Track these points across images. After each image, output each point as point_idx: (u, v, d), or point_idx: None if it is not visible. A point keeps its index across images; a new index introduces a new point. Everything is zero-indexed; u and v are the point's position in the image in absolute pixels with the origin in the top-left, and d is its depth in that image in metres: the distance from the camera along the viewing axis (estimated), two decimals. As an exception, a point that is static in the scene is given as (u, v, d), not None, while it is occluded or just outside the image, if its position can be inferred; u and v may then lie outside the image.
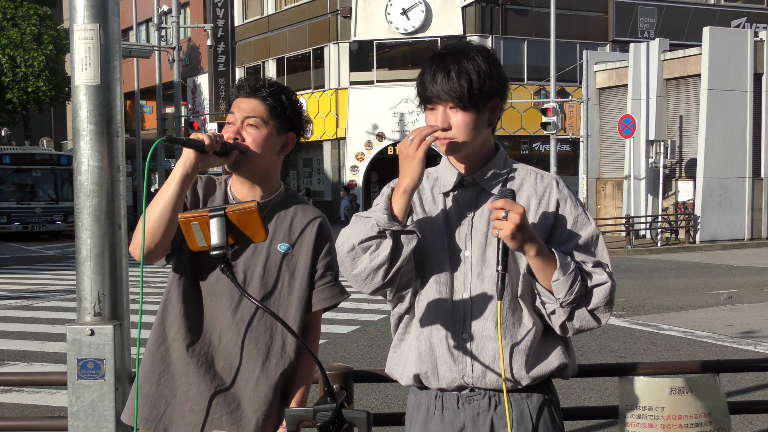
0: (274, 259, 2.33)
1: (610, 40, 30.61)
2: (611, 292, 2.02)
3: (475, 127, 2.06)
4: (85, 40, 2.88)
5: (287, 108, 2.36)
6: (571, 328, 2.04)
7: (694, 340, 9.00)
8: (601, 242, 2.09)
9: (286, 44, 32.90)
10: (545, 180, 2.13)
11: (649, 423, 3.20)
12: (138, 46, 28.68)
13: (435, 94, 2.04)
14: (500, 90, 2.10)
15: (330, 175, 30.58)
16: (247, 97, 2.33)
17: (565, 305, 1.99)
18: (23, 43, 33.72)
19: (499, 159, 2.15)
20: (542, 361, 2.08)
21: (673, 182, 23.40)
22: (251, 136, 2.30)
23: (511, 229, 1.88)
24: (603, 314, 2.04)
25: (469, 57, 2.05)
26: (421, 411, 2.15)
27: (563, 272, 1.96)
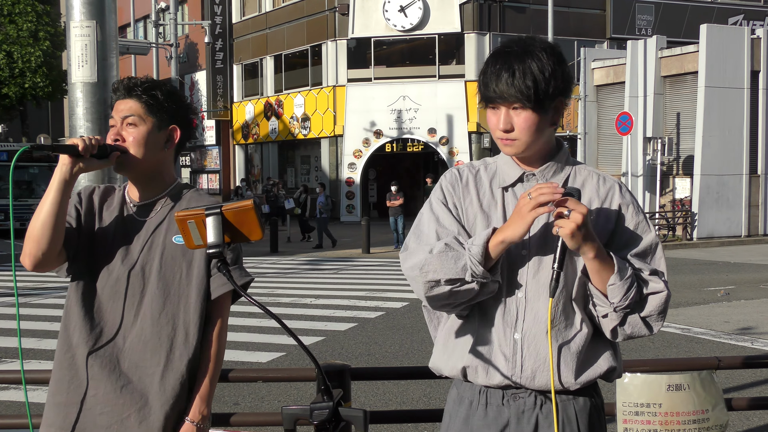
0: (171, 251, 2.33)
1: (608, 37, 30.60)
2: (666, 302, 2.00)
3: (538, 128, 2.01)
4: (81, 38, 2.88)
5: (165, 102, 2.35)
6: (622, 334, 2.02)
7: (691, 336, 9.01)
8: (660, 251, 2.07)
9: (283, 41, 32.86)
10: (608, 183, 2.10)
11: (646, 420, 3.20)
12: (135, 43, 28.61)
13: (498, 94, 1.99)
14: (565, 89, 2.05)
15: (328, 172, 30.56)
16: (124, 99, 2.34)
17: (618, 310, 1.97)
18: (20, 39, 33.66)
19: (561, 157, 2.11)
20: (591, 365, 2.06)
21: (671, 179, 23.41)
22: (131, 135, 2.31)
23: (572, 228, 1.86)
24: (655, 322, 2.02)
25: (533, 55, 1.99)
26: (463, 405, 2.13)
27: (620, 277, 1.93)
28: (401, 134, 29.03)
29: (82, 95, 3.13)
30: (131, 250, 2.34)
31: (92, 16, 2.94)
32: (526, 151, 2.04)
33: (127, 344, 2.31)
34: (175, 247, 2.34)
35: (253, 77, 35.12)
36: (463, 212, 2.11)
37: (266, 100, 33.75)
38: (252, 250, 19.85)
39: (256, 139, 34.67)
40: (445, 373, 2.15)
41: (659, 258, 2.06)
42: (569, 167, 2.11)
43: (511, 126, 2.00)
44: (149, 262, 2.33)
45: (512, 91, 1.96)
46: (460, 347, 2.10)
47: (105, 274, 2.33)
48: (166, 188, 2.40)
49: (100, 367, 2.29)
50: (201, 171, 38.47)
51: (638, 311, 1.98)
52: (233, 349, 8.31)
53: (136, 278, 2.32)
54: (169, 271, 2.33)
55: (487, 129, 28.54)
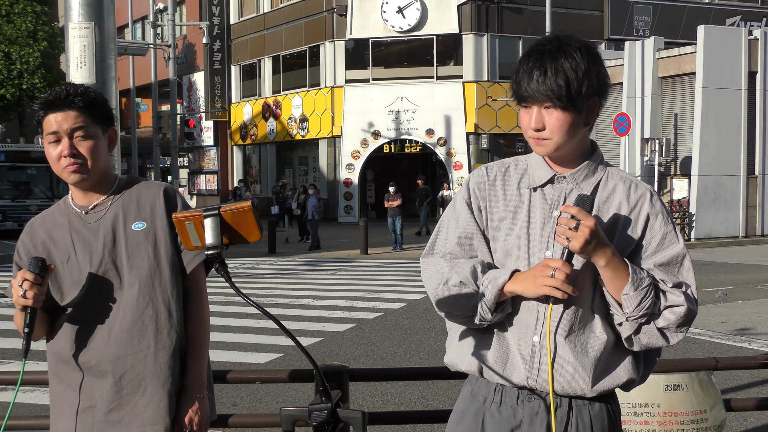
0: (134, 239, 2.37)
1: (606, 38, 30.63)
2: (686, 315, 1.94)
3: (570, 128, 1.98)
4: (80, 39, 2.88)
5: (102, 108, 2.39)
6: (638, 343, 1.98)
7: (688, 337, 9.01)
8: (687, 263, 2.01)
9: (281, 42, 32.86)
10: (639, 190, 2.05)
11: (645, 420, 3.21)
12: (134, 43, 28.62)
13: (530, 93, 1.97)
14: (600, 89, 2.00)
15: (326, 173, 30.56)
16: (62, 110, 2.33)
17: (630, 320, 1.94)
18: (18, 39, 33.64)
19: (595, 159, 2.07)
20: (610, 374, 2.02)
21: (669, 180, 23.43)
22: (85, 148, 2.33)
23: (581, 243, 1.86)
24: (674, 334, 1.97)
25: (567, 54, 1.96)
26: (476, 401, 2.11)
27: (634, 287, 1.91)
28: (399, 135, 29.04)
29: (81, 96, 3.10)
30: (95, 253, 2.36)
31: (91, 17, 2.94)
32: (558, 151, 2.00)
33: (113, 338, 2.34)
34: (136, 234, 2.37)
35: (251, 78, 35.12)
36: (488, 213, 2.09)
37: (264, 100, 33.74)
38: (250, 250, 19.83)
39: (254, 140, 34.66)
40: (462, 368, 2.13)
41: (687, 270, 2.01)
42: (601, 171, 2.07)
43: (542, 125, 1.97)
44: (117, 255, 2.36)
45: (543, 89, 1.94)
46: (480, 344, 2.09)
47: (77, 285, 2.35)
48: (113, 185, 2.44)
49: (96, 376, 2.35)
50: (199, 172, 38.46)
51: (654, 322, 1.95)
52: (231, 350, 8.31)
53: (110, 277, 2.36)
54: (137, 258, 2.36)
55: (484, 130, 28.60)
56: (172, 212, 2.37)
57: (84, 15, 2.94)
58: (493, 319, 1.99)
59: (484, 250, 2.08)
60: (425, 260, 2.12)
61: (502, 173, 2.13)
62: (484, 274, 2.00)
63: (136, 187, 2.45)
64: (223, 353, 8.09)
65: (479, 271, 2.00)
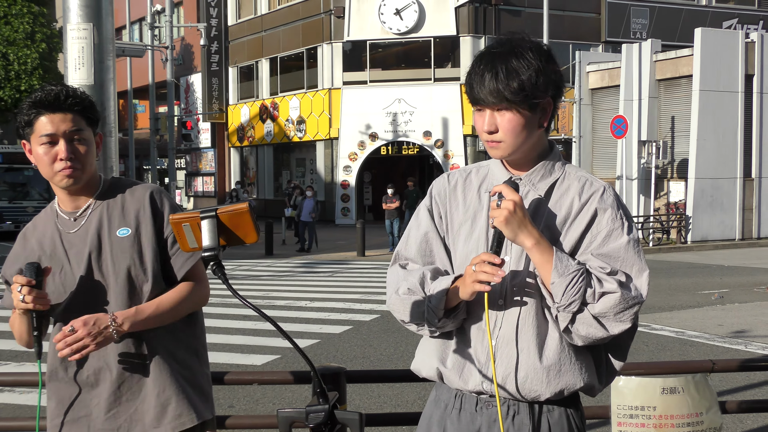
0: (119, 246, 2.32)
1: (603, 40, 30.67)
2: (621, 303, 1.87)
3: (523, 130, 1.96)
4: (78, 40, 2.88)
5: (92, 109, 2.35)
6: (577, 335, 1.92)
7: (685, 339, 9.02)
8: (631, 255, 1.94)
9: (279, 44, 32.85)
10: (593, 187, 2.02)
11: (641, 423, 3.21)
12: (131, 45, 28.60)
13: (482, 96, 1.95)
14: (553, 89, 1.98)
15: (323, 175, 30.55)
16: (58, 112, 2.26)
17: (561, 309, 1.90)
18: (16, 41, 33.61)
19: (551, 159, 2.06)
20: (565, 377, 1.98)
21: (665, 182, 23.46)
22: (82, 152, 2.29)
23: (504, 215, 1.87)
24: (612, 323, 1.89)
25: (519, 55, 1.94)
26: (439, 407, 2.11)
27: (558, 273, 1.87)
28: (396, 137, 29.05)
29: (79, 98, 3.10)
30: (83, 260, 2.33)
31: (89, 18, 2.94)
32: (512, 154, 1.99)
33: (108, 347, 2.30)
34: (120, 240, 2.33)
35: (249, 80, 35.11)
36: (449, 219, 2.09)
37: (261, 102, 33.73)
38: (247, 252, 19.82)
39: (252, 142, 34.64)
40: (423, 374, 2.13)
41: (630, 262, 1.94)
42: (559, 171, 2.05)
43: (495, 127, 1.96)
44: (102, 262, 2.33)
45: (495, 91, 1.92)
46: (439, 349, 2.08)
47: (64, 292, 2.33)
48: (98, 188, 2.40)
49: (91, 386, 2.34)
50: (196, 173, 38.43)
51: (589, 309, 1.88)
52: (228, 351, 8.31)
53: (98, 284, 2.32)
54: (121, 265, 2.32)
55: (482, 132, 28.64)
56: (161, 218, 2.36)
57: (82, 16, 2.94)
58: (444, 326, 1.99)
59: (443, 257, 2.08)
60: (389, 269, 2.13)
61: (463, 179, 2.13)
62: (433, 281, 1.99)
63: (121, 190, 2.41)
64: (221, 355, 8.09)
65: (428, 278, 2.00)
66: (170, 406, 2.32)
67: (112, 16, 3.06)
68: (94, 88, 3.08)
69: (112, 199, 2.38)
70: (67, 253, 2.34)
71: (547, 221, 1.99)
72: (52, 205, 2.43)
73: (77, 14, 2.95)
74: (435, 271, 2.03)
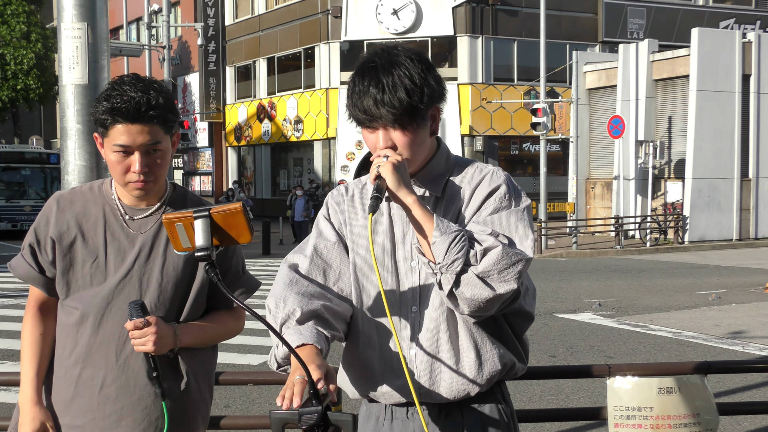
0: (173, 264, 2.21)
1: (600, 40, 30.69)
2: (503, 258, 1.80)
3: (419, 143, 1.93)
4: (72, 39, 2.87)
5: (172, 113, 2.17)
6: (462, 299, 1.84)
7: (682, 340, 9.02)
8: (513, 219, 1.91)
9: (276, 44, 32.84)
10: (483, 172, 2.00)
11: (638, 423, 3.20)
12: (128, 44, 28.57)
13: (371, 115, 1.90)
14: (440, 95, 1.94)
15: (321, 174, 30.54)
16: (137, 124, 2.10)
17: (444, 270, 1.81)
18: (12, 41, 33.58)
19: (439, 158, 2.02)
20: (487, 365, 1.97)
21: (662, 183, 23.47)
22: (157, 164, 2.16)
23: (392, 162, 1.85)
24: (498, 282, 1.81)
25: (400, 65, 1.89)
26: (371, 421, 2.09)
27: (440, 231, 1.81)
28: (394, 137, 29.05)
29: (73, 97, 3.12)
30: (126, 263, 2.19)
31: (83, 18, 2.93)
32: (413, 165, 1.95)
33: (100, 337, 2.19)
34: (176, 257, 2.20)
35: (246, 79, 35.09)
36: (348, 226, 2.06)
37: (259, 102, 33.72)
38: (245, 252, 19.71)
39: (249, 141, 34.63)
40: (351, 396, 2.11)
41: (513, 228, 1.89)
42: (449, 165, 2.03)
43: (392, 144, 1.91)
44: (147, 272, 2.19)
45: (385, 108, 1.87)
46: (359, 370, 2.05)
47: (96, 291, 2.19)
48: (164, 193, 2.26)
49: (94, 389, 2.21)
50: (194, 173, 38.40)
51: (472, 269, 1.81)
52: (225, 351, 8.29)
53: (131, 289, 2.18)
54: (169, 283, 2.20)
55: (479, 132, 28.61)
56: None
57: (77, 15, 2.93)
58: (285, 365, 1.92)
59: (338, 260, 2.04)
60: (281, 265, 2.08)
61: (359, 189, 2.11)
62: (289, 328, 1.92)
63: (188, 204, 2.26)
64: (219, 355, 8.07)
65: (293, 320, 1.93)
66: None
67: (107, 16, 3.04)
68: (89, 88, 3.06)
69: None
70: (107, 246, 2.20)
71: (445, 216, 1.96)
72: (104, 187, 2.27)
73: (71, 14, 2.94)
74: (305, 315, 1.93)
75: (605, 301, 11.97)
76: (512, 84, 29.41)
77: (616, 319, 10.41)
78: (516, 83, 29.52)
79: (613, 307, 11.42)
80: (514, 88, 29.37)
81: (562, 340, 8.87)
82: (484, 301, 1.83)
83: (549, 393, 6.56)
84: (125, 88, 2.10)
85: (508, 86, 29.26)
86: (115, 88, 2.12)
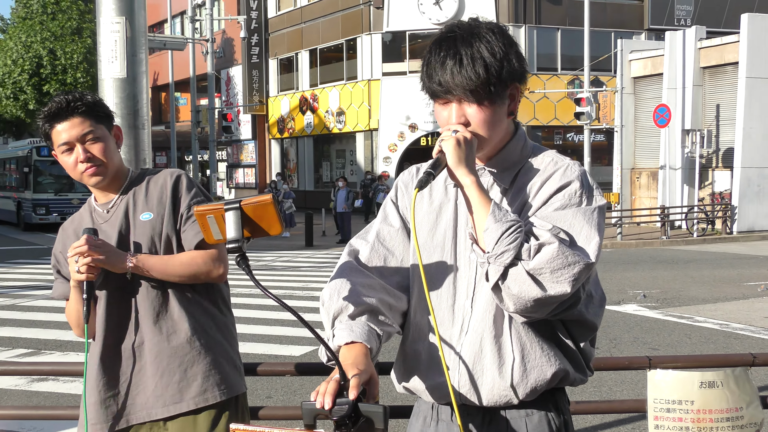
0: (142, 230, 2.44)
1: (646, 28, 30.19)
2: (558, 257, 1.67)
3: (495, 121, 1.82)
4: (111, 34, 2.91)
5: (102, 108, 2.46)
6: (508, 295, 1.72)
7: (729, 332, 8.86)
8: (580, 219, 1.76)
9: (318, 35, 32.93)
10: (557, 164, 1.86)
11: (678, 417, 3.15)
12: (172, 38, 28.90)
13: (445, 86, 1.79)
14: (521, 74, 1.83)
15: (363, 166, 30.59)
16: (68, 119, 2.39)
17: (493, 260, 1.70)
18: (63, 36, 34.22)
19: (515, 144, 1.91)
20: (533, 373, 1.84)
21: (710, 172, 23.05)
22: (98, 151, 2.41)
23: (456, 139, 1.75)
24: (549, 282, 1.68)
25: (481, 37, 1.78)
26: (419, 420, 2.02)
27: (495, 219, 1.71)
28: (436, 127, 28.91)
29: (112, 90, 3.17)
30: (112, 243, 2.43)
31: (122, 12, 2.97)
32: (485, 147, 1.85)
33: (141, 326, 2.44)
34: (143, 224, 2.44)
35: (289, 72, 35.27)
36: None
37: (301, 94, 33.87)
38: (287, 243, 19.95)
39: (292, 134, 34.83)
40: (399, 389, 2.03)
41: (577, 228, 1.75)
42: (524, 154, 1.91)
43: (466, 120, 1.81)
44: (127, 246, 2.43)
45: (460, 81, 1.77)
46: (407, 362, 1.98)
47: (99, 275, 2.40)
48: (125, 178, 2.52)
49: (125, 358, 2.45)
50: (237, 165, 38.75)
51: (523, 263, 1.69)
52: (267, 342, 8.37)
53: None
54: (143, 247, 2.43)
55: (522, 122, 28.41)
56: (178, 194, 2.46)
57: (115, 10, 2.97)
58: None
59: (400, 247, 1.98)
60: (342, 253, 2.02)
61: None
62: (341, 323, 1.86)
63: (147, 178, 2.52)
64: (259, 345, 8.15)
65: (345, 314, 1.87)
66: (196, 382, 2.41)
67: (144, 10, 3.08)
68: (127, 81, 3.10)
69: (138, 186, 2.50)
70: None
71: (510, 205, 1.87)
72: (90, 200, 2.57)
73: (111, 8, 2.98)
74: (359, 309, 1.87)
75: (650, 292, 11.80)
76: (556, 73, 29.10)
77: (661, 310, 10.26)
78: (560, 72, 29.20)
79: (658, 298, 11.25)
80: (557, 78, 29.06)
81: (605, 331, 8.77)
82: (531, 300, 1.70)
83: (591, 385, 6.50)
84: (54, 98, 2.44)
85: (551, 76, 28.96)
86: (46, 103, 2.46)
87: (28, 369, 4.66)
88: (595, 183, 1.87)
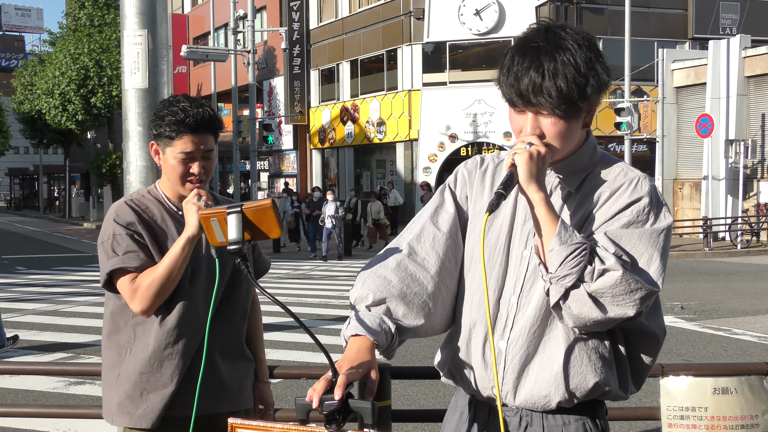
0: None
1: (690, 37, 29.79)
2: (621, 283, 1.66)
3: (569, 134, 1.80)
4: (134, 46, 3.02)
5: (221, 124, 2.55)
6: (568, 314, 1.72)
7: (747, 341, 8.71)
8: (645, 241, 1.73)
9: (359, 46, 33.14)
10: (627, 176, 1.83)
11: (692, 424, 3.15)
12: (214, 50, 29.29)
13: (524, 98, 1.77)
14: (603, 87, 1.79)
15: (403, 176, 30.66)
16: (203, 134, 2.45)
17: (555, 281, 1.70)
18: (110, 48, 34.90)
19: (584, 151, 1.88)
20: (575, 380, 1.81)
21: (755, 183, 22.65)
22: (211, 167, 2.52)
23: (529, 153, 1.73)
24: (611, 305, 1.68)
25: (565, 50, 1.74)
26: (455, 414, 2.00)
27: (560, 241, 1.69)
28: (476, 138, 28.91)
29: (135, 101, 3.25)
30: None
31: (144, 25, 3.07)
32: (556, 156, 1.83)
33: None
34: None
35: (330, 82, 35.53)
36: (471, 201, 1.96)
37: (342, 104, 34.09)
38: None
39: (333, 144, 35.05)
40: (442, 378, 2.04)
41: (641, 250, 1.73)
42: (592, 161, 1.88)
43: (540, 132, 1.78)
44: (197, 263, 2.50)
45: (540, 94, 1.74)
46: (451, 350, 1.96)
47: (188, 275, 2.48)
48: None
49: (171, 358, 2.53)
50: (279, 175, 39.10)
51: (585, 286, 1.68)
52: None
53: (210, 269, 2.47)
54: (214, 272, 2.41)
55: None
56: None
57: (138, 23, 3.07)
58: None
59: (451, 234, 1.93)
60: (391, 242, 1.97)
61: (494, 164, 1.98)
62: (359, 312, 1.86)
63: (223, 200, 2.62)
64: (292, 353, 8.23)
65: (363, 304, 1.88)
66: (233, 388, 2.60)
67: (167, 23, 3.18)
68: (149, 92, 3.20)
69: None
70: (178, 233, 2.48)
71: (574, 214, 1.85)
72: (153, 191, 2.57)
73: (133, 21, 3.08)
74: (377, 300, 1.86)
75: (688, 304, 11.65)
76: (597, 83, 28.86)
77: (699, 322, 10.13)
78: (601, 82, 28.93)
79: (696, 310, 11.10)
80: (599, 87, 28.81)
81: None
82: (591, 321, 1.71)
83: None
84: (183, 105, 2.45)
85: (592, 85, 28.73)
86: (174, 104, 2.46)
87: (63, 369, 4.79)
88: (664, 200, 1.85)
